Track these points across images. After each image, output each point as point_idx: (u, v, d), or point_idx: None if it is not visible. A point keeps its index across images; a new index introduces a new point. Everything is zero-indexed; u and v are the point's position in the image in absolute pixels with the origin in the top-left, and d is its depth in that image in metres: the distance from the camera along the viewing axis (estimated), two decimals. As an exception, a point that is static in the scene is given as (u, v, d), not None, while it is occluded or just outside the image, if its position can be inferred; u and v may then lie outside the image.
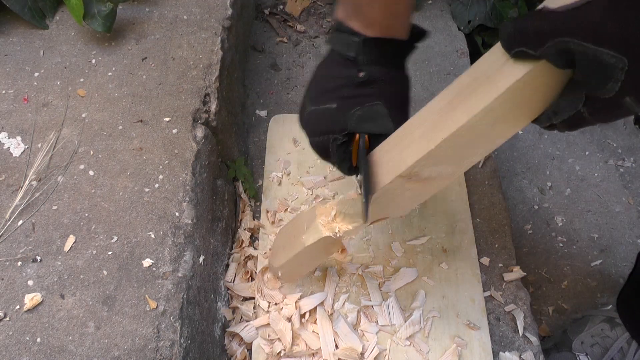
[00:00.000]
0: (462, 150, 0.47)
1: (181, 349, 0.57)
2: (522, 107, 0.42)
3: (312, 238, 0.62)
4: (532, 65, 0.39)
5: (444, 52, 1.09)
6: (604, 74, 0.36)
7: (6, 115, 0.72)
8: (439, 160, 0.48)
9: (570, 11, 0.36)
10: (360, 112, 0.56)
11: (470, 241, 0.79)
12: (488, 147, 0.48)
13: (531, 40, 0.38)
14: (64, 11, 0.86)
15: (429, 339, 0.70)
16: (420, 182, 0.51)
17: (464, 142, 0.45)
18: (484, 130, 0.44)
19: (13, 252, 0.60)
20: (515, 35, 0.39)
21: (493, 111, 0.42)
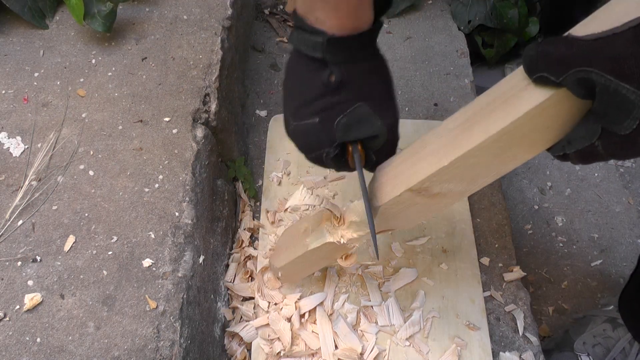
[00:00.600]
0: (475, 170, 0.46)
1: (181, 349, 0.57)
2: (539, 132, 0.42)
3: (316, 242, 0.61)
4: (552, 91, 0.38)
5: (444, 52, 1.09)
6: (623, 110, 0.35)
7: (6, 115, 0.72)
8: (450, 177, 0.47)
9: (595, 41, 0.35)
10: (345, 119, 0.53)
11: (470, 242, 0.79)
12: (501, 169, 0.48)
13: (553, 66, 0.37)
14: (64, 11, 0.86)
15: (428, 339, 0.70)
16: (429, 198, 0.50)
17: (477, 163, 0.45)
18: (498, 153, 0.44)
19: (13, 252, 0.60)
20: (538, 60, 0.38)
21: (509, 134, 0.42)
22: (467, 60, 1.08)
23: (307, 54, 0.53)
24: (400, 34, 1.13)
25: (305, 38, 0.52)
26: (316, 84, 0.53)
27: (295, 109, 0.56)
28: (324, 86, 0.53)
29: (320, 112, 0.54)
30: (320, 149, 0.55)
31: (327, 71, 0.52)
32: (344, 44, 0.51)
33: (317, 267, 0.72)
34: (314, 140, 0.55)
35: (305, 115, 0.55)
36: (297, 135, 0.57)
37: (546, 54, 0.38)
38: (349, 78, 0.52)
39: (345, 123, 0.53)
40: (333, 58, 0.52)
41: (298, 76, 0.56)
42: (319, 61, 0.52)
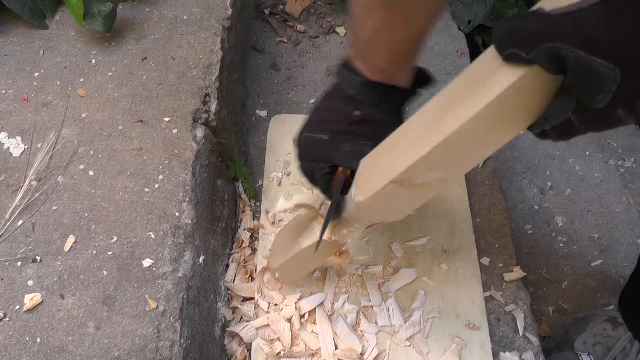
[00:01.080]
0: (456, 156, 0.46)
1: (181, 349, 0.57)
2: (516, 113, 0.41)
3: (307, 241, 0.62)
4: (524, 70, 0.38)
5: (444, 52, 1.09)
6: (595, 84, 0.35)
7: (6, 115, 0.72)
8: (432, 166, 0.47)
9: (565, 15, 0.35)
10: (349, 148, 0.57)
11: (470, 242, 0.79)
12: (483, 153, 0.47)
13: (523, 42, 0.37)
14: (64, 11, 0.86)
15: (428, 339, 0.70)
16: (414, 188, 0.50)
17: (456, 148, 0.44)
18: (476, 137, 0.43)
19: (13, 252, 0.60)
20: (508, 36, 0.38)
21: (485, 117, 0.41)
22: (467, 60, 1.08)
23: (344, 88, 0.59)
24: (400, 34, 1.13)
25: (347, 75, 0.59)
26: (340, 112, 0.59)
27: (313, 124, 0.61)
28: (345, 115, 0.58)
29: (331, 132, 0.59)
30: (317, 162, 0.59)
31: (353, 106, 0.58)
32: (378, 90, 0.58)
33: (314, 266, 0.72)
34: (314, 152, 0.60)
35: (318, 130, 0.60)
36: (303, 143, 0.62)
37: (516, 29, 0.37)
38: (369, 119, 0.58)
39: (348, 151, 0.57)
40: (363, 98, 0.58)
41: (329, 102, 0.62)
42: (351, 98, 0.58)
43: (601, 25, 0.33)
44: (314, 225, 0.61)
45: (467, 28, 1.15)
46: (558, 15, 0.35)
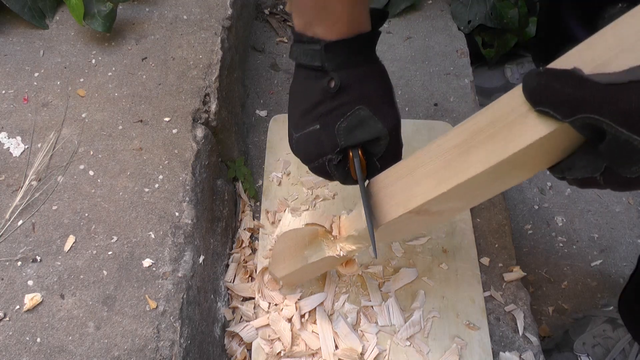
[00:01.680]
0: (474, 191, 0.46)
1: (181, 349, 0.57)
2: (541, 159, 0.41)
3: (315, 256, 0.61)
4: (556, 125, 0.37)
5: (444, 52, 1.09)
6: (632, 158, 0.34)
7: (6, 115, 0.72)
8: (449, 199, 0.47)
9: (607, 87, 0.33)
10: (345, 123, 0.53)
11: (470, 242, 0.79)
12: (501, 188, 0.47)
13: (559, 106, 0.35)
14: (64, 11, 0.86)
15: (428, 339, 0.70)
16: (429, 215, 0.50)
17: (477, 186, 0.44)
18: (498, 177, 0.43)
19: (13, 252, 0.60)
20: (542, 94, 0.36)
21: (510, 163, 0.40)
22: (467, 60, 1.08)
23: (307, 64, 0.54)
24: (400, 34, 1.13)
25: (304, 49, 0.53)
26: (316, 91, 0.53)
27: (297, 120, 0.56)
28: (323, 92, 0.53)
29: (320, 117, 0.54)
30: (323, 156, 0.55)
31: (327, 78, 0.52)
32: (341, 48, 0.52)
33: (318, 273, 0.73)
34: (316, 147, 0.55)
35: (307, 123, 0.55)
36: (300, 146, 0.57)
37: (552, 90, 0.36)
38: (347, 82, 0.52)
39: (346, 127, 0.53)
40: (331, 64, 0.52)
41: (299, 88, 0.56)
42: (318, 70, 0.53)
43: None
44: (321, 242, 0.60)
45: (467, 28, 1.15)
46: (600, 86, 0.33)
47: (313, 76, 0.54)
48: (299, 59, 0.55)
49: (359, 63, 0.54)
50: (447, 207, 0.49)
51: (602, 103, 0.33)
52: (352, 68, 0.53)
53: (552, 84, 0.36)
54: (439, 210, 0.48)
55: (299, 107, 0.56)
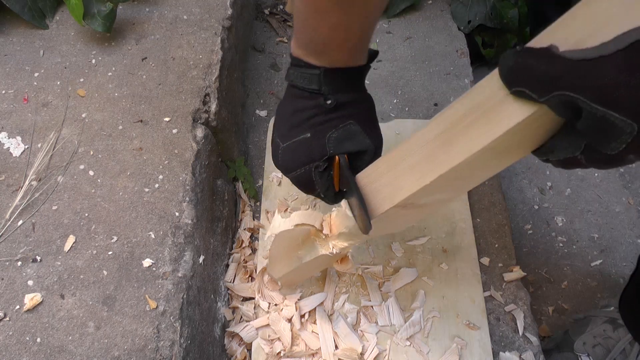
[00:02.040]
0: (459, 181, 0.46)
1: (181, 349, 0.57)
2: (522, 143, 0.41)
3: (309, 256, 0.61)
4: (533, 108, 0.37)
5: (444, 52, 1.09)
6: (610, 134, 0.34)
7: (6, 115, 0.72)
8: (434, 191, 0.47)
9: (581, 62, 0.33)
10: (336, 134, 0.57)
11: (470, 241, 0.79)
12: (486, 176, 0.47)
13: (535, 85, 0.36)
14: (64, 11, 0.86)
15: (429, 339, 0.70)
16: (416, 208, 0.50)
17: (460, 176, 0.44)
18: (481, 165, 0.43)
19: (13, 252, 0.60)
20: (517, 73, 0.37)
21: (491, 149, 0.40)
22: (467, 60, 1.08)
23: (304, 87, 0.58)
24: (400, 34, 1.13)
25: (302, 73, 0.58)
26: (311, 107, 0.58)
27: (288, 131, 0.60)
28: (318, 107, 0.58)
29: (312, 127, 0.58)
30: (311, 162, 0.58)
31: (322, 97, 0.57)
32: (339, 74, 0.57)
33: (315, 272, 0.73)
34: (305, 154, 0.58)
35: (297, 133, 0.59)
36: (287, 155, 0.60)
37: (527, 68, 0.36)
38: (342, 103, 0.58)
39: (337, 137, 0.57)
40: (328, 88, 0.57)
41: (292, 105, 0.60)
42: (314, 92, 0.58)
43: (620, 79, 0.32)
44: (314, 241, 0.60)
45: (467, 28, 1.15)
46: (574, 62, 0.33)
47: (308, 96, 0.58)
48: (296, 81, 0.59)
49: (353, 89, 0.59)
50: (434, 199, 0.49)
51: (575, 79, 0.33)
52: (347, 93, 0.58)
53: (527, 62, 0.36)
54: (425, 202, 0.49)
55: (290, 120, 0.60)
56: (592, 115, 0.33)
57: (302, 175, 0.59)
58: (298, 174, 0.60)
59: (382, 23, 1.14)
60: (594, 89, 0.33)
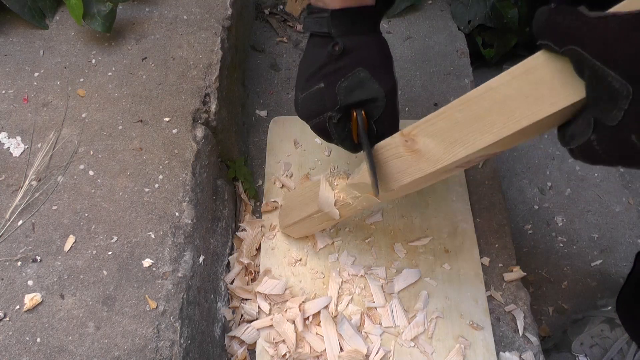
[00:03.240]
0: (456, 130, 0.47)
1: (181, 349, 0.56)
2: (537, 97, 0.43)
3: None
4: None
5: (444, 52, 1.09)
6: (610, 98, 0.35)
7: (6, 115, 0.72)
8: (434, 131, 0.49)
9: (595, 19, 0.35)
10: (345, 82, 0.57)
11: (472, 241, 0.79)
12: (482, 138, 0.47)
13: (556, 38, 0.38)
14: (64, 11, 0.86)
15: (432, 339, 0.70)
16: (411, 152, 0.52)
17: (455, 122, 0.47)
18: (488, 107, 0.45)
19: (13, 252, 0.60)
20: (545, 28, 0.39)
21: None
22: (467, 60, 1.08)
23: (316, 31, 0.59)
24: (400, 34, 1.13)
25: (314, 18, 0.59)
26: (322, 55, 0.59)
27: (304, 82, 0.61)
28: (329, 55, 0.58)
29: (324, 77, 0.59)
30: (324, 113, 0.59)
31: (332, 42, 0.58)
32: (347, 16, 0.58)
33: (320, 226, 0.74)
34: (318, 105, 0.59)
35: (312, 83, 0.59)
36: (304, 105, 0.61)
37: (553, 23, 0.38)
38: (350, 47, 0.58)
39: (346, 86, 0.57)
40: (337, 30, 0.58)
41: (308, 54, 0.62)
42: (326, 36, 0.59)
43: (623, 38, 0.33)
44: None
45: (467, 28, 1.15)
46: (592, 18, 0.35)
47: (321, 43, 0.59)
48: (310, 27, 0.60)
49: (362, 32, 0.59)
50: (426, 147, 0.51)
51: (585, 34, 0.35)
52: (356, 35, 0.58)
53: (555, 18, 0.38)
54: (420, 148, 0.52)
55: (307, 71, 0.61)
56: (594, 74, 0.35)
57: (319, 125, 0.61)
58: (314, 123, 0.61)
59: (382, 23, 1.14)
60: (596, 43, 0.34)
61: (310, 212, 0.67)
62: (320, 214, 0.66)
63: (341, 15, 0.57)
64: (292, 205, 0.73)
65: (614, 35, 0.33)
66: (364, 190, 0.61)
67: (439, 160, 0.50)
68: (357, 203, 0.63)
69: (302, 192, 0.71)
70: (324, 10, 0.58)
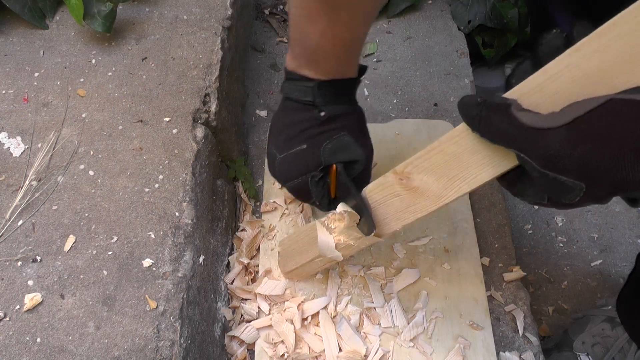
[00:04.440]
0: (452, 166, 0.47)
1: (181, 349, 0.56)
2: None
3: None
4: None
5: (444, 52, 1.09)
6: (563, 191, 0.37)
7: (6, 115, 0.72)
8: (429, 167, 0.49)
9: (531, 130, 0.37)
10: (330, 145, 0.60)
11: (472, 241, 0.79)
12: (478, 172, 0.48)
13: (496, 139, 0.40)
14: (64, 11, 0.86)
15: (432, 340, 0.70)
16: (409, 191, 0.51)
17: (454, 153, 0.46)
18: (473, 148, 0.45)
19: (13, 252, 0.60)
20: (480, 123, 0.41)
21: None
22: (467, 60, 1.08)
23: (298, 99, 0.61)
24: (400, 34, 1.13)
25: (296, 86, 0.61)
26: (306, 119, 0.61)
27: (284, 143, 0.63)
28: (312, 120, 0.61)
29: (307, 139, 0.61)
30: (307, 173, 0.61)
31: (317, 109, 0.61)
32: (332, 87, 0.60)
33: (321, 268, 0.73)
34: (301, 165, 0.62)
35: (294, 145, 0.62)
36: (284, 165, 0.63)
37: (489, 123, 0.40)
38: (335, 115, 0.61)
39: (331, 148, 0.60)
40: (321, 100, 0.60)
41: (288, 117, 0.63)
42: (308, 104, 0.61)
43: (565, 151, 0.35)
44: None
45: (467, 28, 1.15)
46: (528, 129, 0.37)
47: (302, 108, 0.62)
48: (290, 94, 0.62)
49: (344, 101, 0.63)
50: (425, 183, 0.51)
51: (527, 145, 0.37)
52: (339, 104, 0.62)
53: (489, 117, 0.40)
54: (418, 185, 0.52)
55: (286, 132, 0.63)
56: (545, 176, 0.37)
57: (299, 185, 0.63)
58: (295, 184, 0.63)
59: (382, 23, 1.14)
60: (542, 157, 0.36)
61: (311, 257, 0.65)
62: (322, 258, 0.64)
63: (327, 86, 0.60)
64: (291, 251, 0.70)
65: (558, 149, 0.35)
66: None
67: (441, 197, 0.49)
68: (359, 243, 0.61)
69: (299, 237, 0.69)
70: (308, 79, 0.60)
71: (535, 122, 0.37)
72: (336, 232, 0.61)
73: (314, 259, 0.65)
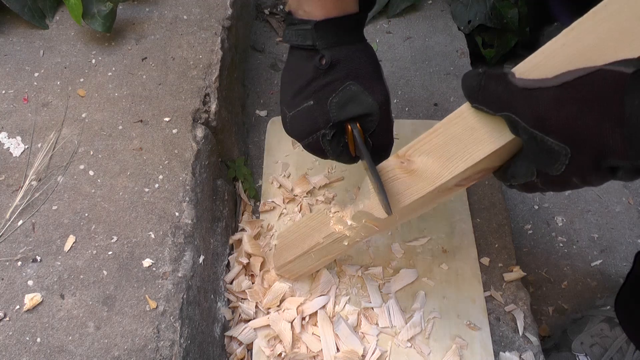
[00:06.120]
0: (450, 147, 0.48)
1: (181, 349, 0.57)
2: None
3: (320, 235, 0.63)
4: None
5: (444, 52, 1.09)
6: (550, 156, 0.38)
7: (6, 115, 0.72)
8: (429, 148, 0.50)
9: (522, 91, 0.38)
10: (337, 98, 0.55)
11: (470, 242, 0.79)
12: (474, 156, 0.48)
13: (490, 104, 0.42)
14: (63, 11, 0.86)
15: (429, 340, 0.70)
16: (408, 173, 0.52)
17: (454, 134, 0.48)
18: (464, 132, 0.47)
19: (13, 252, 0.60)
20: (478, 93, 0.42)
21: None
22: (467, 60, 1.08)
23: (299, 44, 0.56)
24: (400, 34, 1.13)
25: (296, 30, 0.56)
26: (308, 70, 0.56)
27: (291, 99, 0.58)
28: (315, 70, 0.56)
29: (313, 94, 0.56)
30: (317, 131, 0.57)
31: (318, 55, 0.55)
32: (331, 27, 0.55)
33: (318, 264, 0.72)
34: (309, 123, 0.57)
35: (301, 101, 0.57)
36: (294, 124, 0.59)
37: (485, 89, 0.42)
38: (337, 59, 0.56)
39: (338, 102, 0.55)
40: (321, 42, 0.55)
41: (292, 68, 0.59)
42: (310, 49, 0.56)
43: (553, 108, 0.37)
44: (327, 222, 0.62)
45: (467, 28, 1.15)
46: (520, 89, 0.39)
47: (305, 56, 0.57)
48: (292, 40, 0.57)
49: (348, 42, 0.57)
50: (424, 165, 0.51)
51: (518, 104, 0.39)
52: (342, 46, 0.56)
53: (487, 84, 0.41)
54: (417, 167, 0.52)
55: (292, 87, 0.58)
56: (533, 138, 0.38)
57: (312, 144, 0.59)
58: (307, 142, 0.59)
59: (382, 23, 1.14)
60: (531, 115, 0.38)
61: (307, 247, 0.65)
62: (317, 249, 0.64)
63: (325, 26, 0.55)
64: (287, 243, 0.70)
65: (546, 108, 0.37)
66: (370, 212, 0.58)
67: (438, 177, 0.49)
68: (354, 234, 0.60)
69: (297, 228, 0.68)
70: (306, 21, 0.55)
71: (528, 84, 0.38)
72: (333, 220, 0.61)
73: (309, 250, 0.65)
